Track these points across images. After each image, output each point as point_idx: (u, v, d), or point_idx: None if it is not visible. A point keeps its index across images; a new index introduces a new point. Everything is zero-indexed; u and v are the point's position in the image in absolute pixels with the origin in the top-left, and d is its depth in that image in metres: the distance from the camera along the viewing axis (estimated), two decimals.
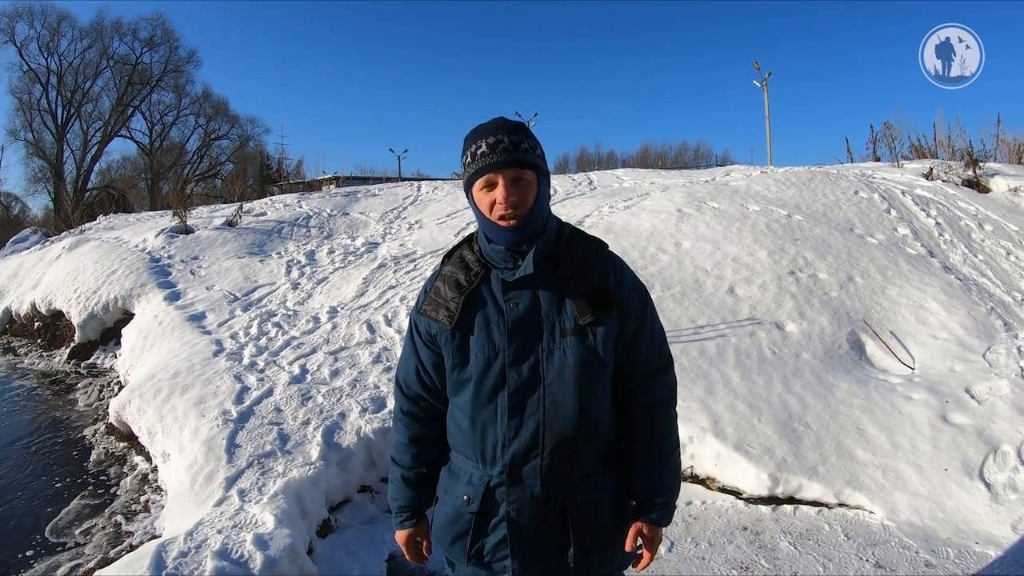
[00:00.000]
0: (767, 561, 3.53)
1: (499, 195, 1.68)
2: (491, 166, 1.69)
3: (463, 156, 1.76)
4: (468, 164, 1.74)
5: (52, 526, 4.26)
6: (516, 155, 1.69)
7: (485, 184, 1.71)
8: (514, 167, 1.69)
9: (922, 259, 6.74)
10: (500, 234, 1.73)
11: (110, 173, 42.05)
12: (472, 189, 1.75)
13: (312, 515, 3.70)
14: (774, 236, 7.05)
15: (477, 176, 1.71)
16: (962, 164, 9.59)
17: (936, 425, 4.39)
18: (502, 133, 1.71)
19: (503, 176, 1.68)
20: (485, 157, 1.69)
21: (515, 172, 1.69)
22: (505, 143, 1.69)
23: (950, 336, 5.47)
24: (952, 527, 3.77)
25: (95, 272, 8.70)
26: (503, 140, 1.70)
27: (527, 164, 1.71)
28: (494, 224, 1.72)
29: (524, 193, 1.70)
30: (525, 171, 1.71)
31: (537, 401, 1.73)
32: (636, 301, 1.83)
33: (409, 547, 2.02)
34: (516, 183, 1.70)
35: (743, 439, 4.36)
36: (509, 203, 1.68)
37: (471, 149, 1.73)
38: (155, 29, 41.73)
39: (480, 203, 1.73)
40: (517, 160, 1.69)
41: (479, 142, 1.71)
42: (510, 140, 1.70)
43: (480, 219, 1.76)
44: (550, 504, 1.76)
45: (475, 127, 1.78)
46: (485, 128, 1.75)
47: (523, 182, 1.71)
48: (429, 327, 1.83)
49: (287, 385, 5.14)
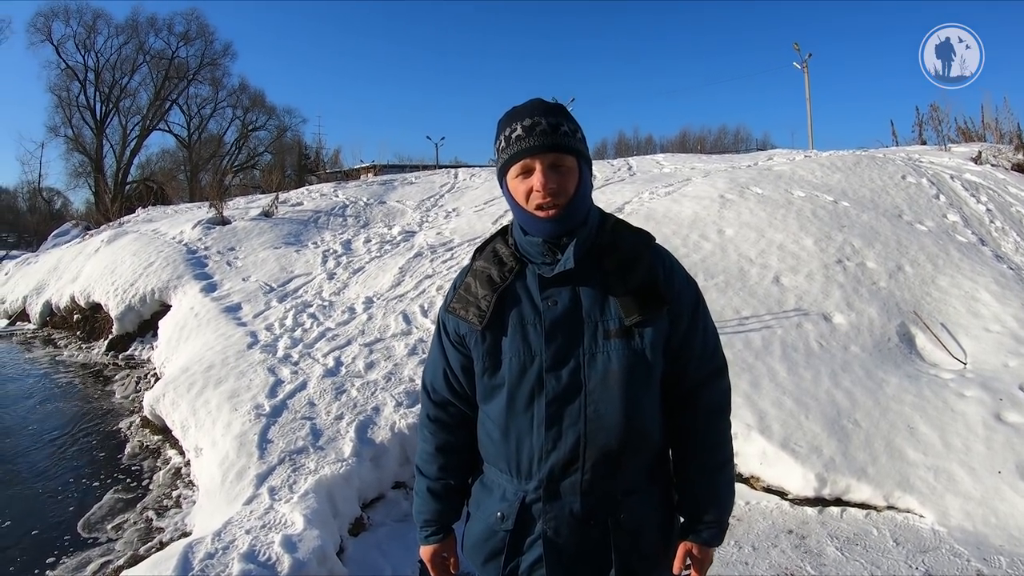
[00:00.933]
0: (812, 568, 3.38)
1: (536, 182, 1.52)
2: (527, 150, 1.53)
3: (496, 141, 1.61)
4: (502, 149, 1.58)
5: (85, 520, 4.28)
6: (555, 138, 1.53)
7: (521, 170, 1.55)
8: (553, 151, 1.53)
9: (973, 247, 6.46)
10: (538, 225, 1.57)
11: (150, 166, 42.84)
12: (506, 177, 1.59)
13: (344, 514, 3.64)
14: (820, 223, 6.82)
15: (512, 162, 1.56)
16: (1012, 148, 9.22)
17: (990, 424, 4.19)
18: (539, 115, 1.55)
19: (540, 161, 1.52)
20: (521, 141, 1.54)
21: (554, 157, 1.53)
22: (543, 125, 1.53)
23: (1003, 329, 5.22)
24: (1006, 534, 3.58)
25: (132, 265, 8.80)
26: (540, 122, 1.54)
27: (567, 148, 1.55)
28: (531, 214, 1.56)
29: (564, 180, 1.54)
30: (565, 156, 1.54)
31: (578, 410, 1.56)
32: (688, 298, 1.67)
33: (435, 564, 1.86)
34: (555, 169, 1.53)
35: (790, 437, 4.20)
36: (548, 190, 1.52)
37: (505, 133, 1.57)
38: (190, 24, 42.29)
39: (515, 192, 1.57)
40: (556, 144, 1.53)
41: (513, 125, 1.56)
42: (548, 122, 1.54)
43: (515, 209, 1.60)
44: (591, 522, 1.60)
45: (509, 110, 1.62)
46: (520, 110, 1.59)
47: (563, 168, 1.54)
48: (458, 327, 1.68)
49: (321, 378, 5.10)
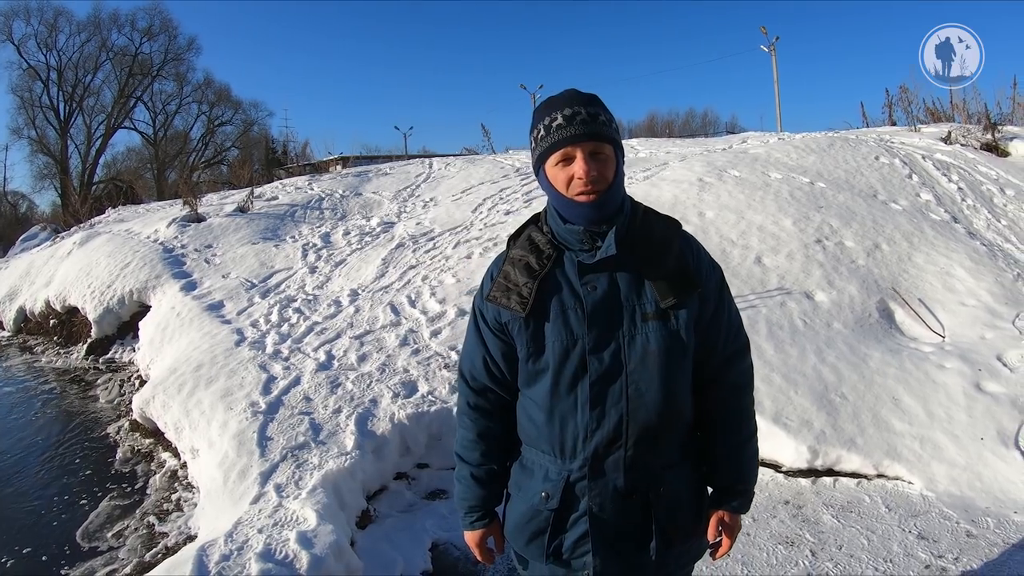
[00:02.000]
0: (811, 535, 3.50)
1: (578, 169, 1.57)
2: (569, 139, 1.57)
3: (533, 130, 1.66)
4: (541, 138, 1.62)
5: (83, 530, 4.21)
6: (595, 127, 1.58)
7: (561, 158, 1.59)
8: (593, 140, 1.57)
9: (946, 225, 6.64)
10: (578, 211, 1.61)
11: (115, 165, 41.89)
12: (545, 165, 1.63)
13: (351, 507, 3.66)
14: (798, 204, 6.95)
15: (553, 150, 1.59)
16: (980, 128, 9.43)
17: (970, 394, 4.34)
18: (578, 104, 1.60)
19: (581, 149, 1.57)
20: (562, 130, 1.57)
21: (594, 145, 1.58)
22: (583, 115, 1.58)
23: (978, 303, 5.39)
24: (990, 497, 3.74)
25: (108, 266, 8.66)
26: (580, 112, 1.58)
27: (606, 137, 1.60)
28: (571, 201, 1.61)
29: (604, 168, 1.59)
30: (604, 145, 1.59)
31: (620, 390, 1.63)
32: (714, 281, 1.74)
33: (481, 549, 1.93)
34: (595, 157, 1.58)
35: (780, 411, 4.32)
36: (589, 177, 1.56)
37: (544, 122, 1.61)
38: (153, 18, 41.45)
39: (555, 179, 1.62)
40: (596, 133, 1.58)
41: (553, 114, 1.60)
42: (588, 112, 1.59)
43: (555, 197, 1.65)
44: (633, 497, 1.68)
45: (546, 99, 1.67)
46: (559, 100, 1.63)
47: (602, 156, 1.59)
48: (499, 315, 1.72)
49: (314, 373, 5.10)
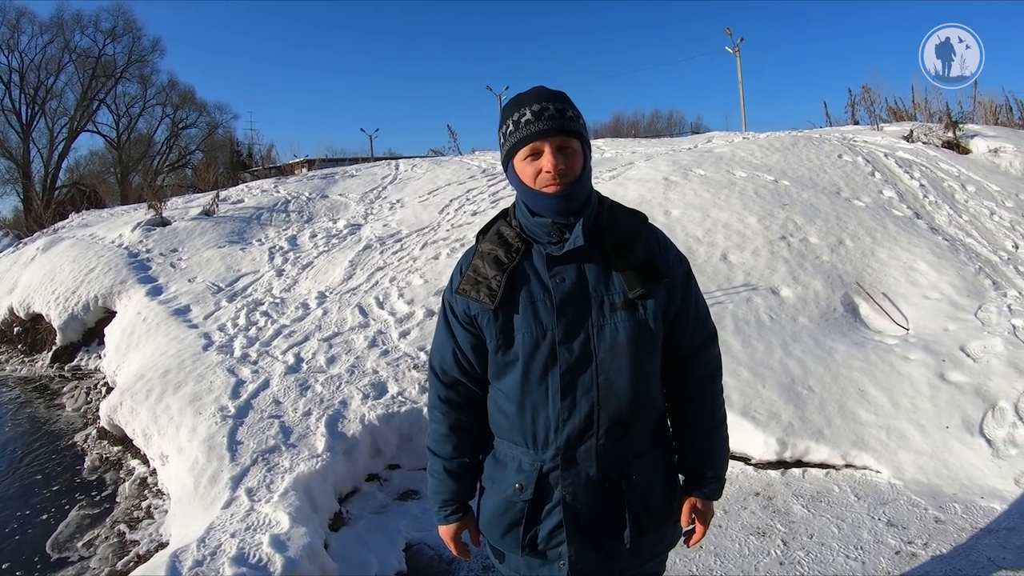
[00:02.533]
0: (782, 525, 3.56)
1: (546, 163, 1.60)
2: (537, 134, 1.60)
3: (502, 126, 1.68)
4: (510, 134, 1.65)
5: (53, 540, 4.11)
6: (562, 122, 1.62)
7: (530, 153, 1.63)
8: (560, 135, 1.61)
9: (909, 221, 6.77)
10: (546, 202, 1.65)
11: (79, 169, 40.98)
12: (514, 159, 1.67)
13: (323, 509, 3.63)
14: (763, 202, 7.04)
15: (522, 145, 1.63)
16: (941, 126, 9.63)
17: (934, 384, 4.44)
18: (547, 100, 1.63)
19: (549, 144, 1.61)
20: (530, 125, 1.61)
21: (561, 140, 1.62)
22: (551, 110, 1.62)
23: (941, 296, 5.51)
24: (957, 483, 3.82)
25: (72, 271, 8.49)
26: (548, 107, 1.62)
27: (573, 132, 1.63)
28: (539, 193, 1.64)
29: (571, 161, 1.63)
30: (571, 139, 1.63)
31: (590, 380, 1.66)
32: (681, 272, 1.79)
33: (456, 543, 1.94)
34: (562, 151, 1.62)
35: (749, 405, 4.37)
36: (557, 171, 1.60)
37: (513, 118, 1.65)
38: (117, 19, 40.56)
39: (523, 173, 1.65)
40: (564, 128, 1.61)
41: (522, 110, 1.63)
42: (555, 107, 1.63)
43: (523, 191, 1.68)
44: (605, 485, 1.71)
45: (515, 96, 1.70)
46: (527, 96, 1.67)
47: (569, 150, 1.63)
48: (468, 307, 1.74)
49: (283, 376, 5.06)
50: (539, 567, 1.80)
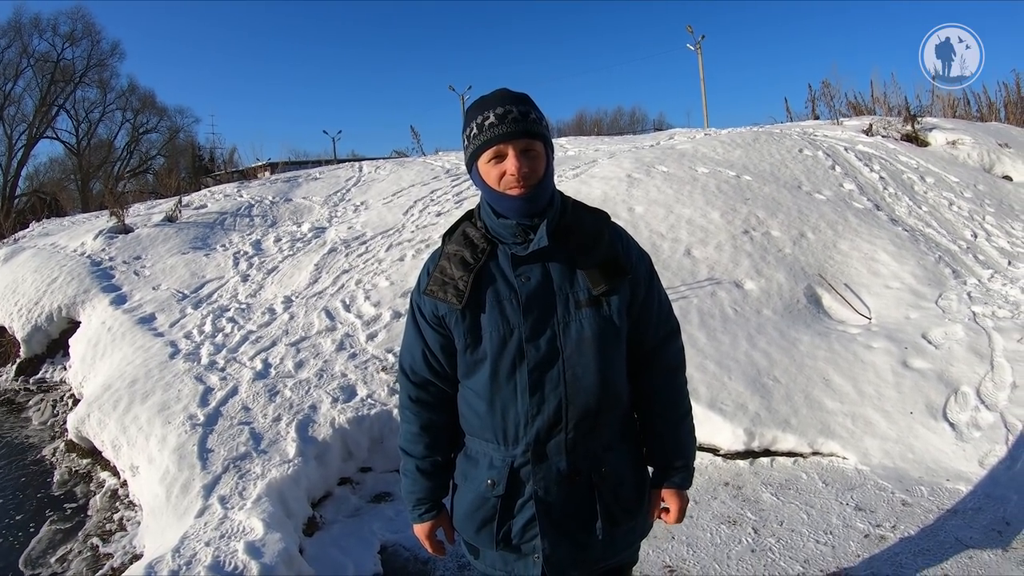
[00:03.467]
0: (752, 513, 3.62)
1: (510, 165, 1.63)
2: (500, 136, 1.63)
3: (466, 129, 1.71)
4: (474, 136, 1.68)
5: (25, 557, 4.04)
6: (526, 125, 1.65)
7: (494, 155, 1.65)
8: (524, 137, 1.64)
9: (869, 213, 6.91)
10: (510, 204, 1.68)
11: (38, 177, 40.02)
12: (478, 162, 1.69)
13: (297, 514, 3.61)
14: (725, 197, 7.14)
15: (486, 147, 1.65)
16: (900, 120, 9.84)
17: (898, 371, 4.54)
18: (510, 103, 1.66)
19: (513, 147, 1.64)
20: (494, 128, 1.64)
21: (525, 143, 1.65)
22: (514, 113, 1.65)
23: (902, 285, 5.64)
24: (923, 467, 3.92)
25: (34, 282, 8.31)
26: (512, 111, 1.65)
27: (537, 135, 1.67)
28: (503, 195, 1.67)
29: (534, 164, 1.66)
30: (535, 142, 1.67)
31: (557, 376, 1.69)
32: (643, 268, 1.83)
33: (431, 540, 1.96)
34: (526, 154, 1.65)
35: (716, 397, 4.43)
36: (520, 173, 1.63)
37: (477, 120, 1.67)
38: (75, 23, 39.65)
39: (487, 176, 1.68)
40: (527, 130, 1.65)
41: (486, 113, 1.66)
42: (519, 110, 1.65)
43: (488, 193, 1.71)
44: (576, 479, 1.74)
45: (478, 99, 1.73)
46: (491, 99, 1.69)
47: (533, 153, 1.66)
48: (436, 308, 1.77)
49: (252, 382, 5.02)
50: (514, 561, 1.82)
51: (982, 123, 10.99)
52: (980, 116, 12.41)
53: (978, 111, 12.71)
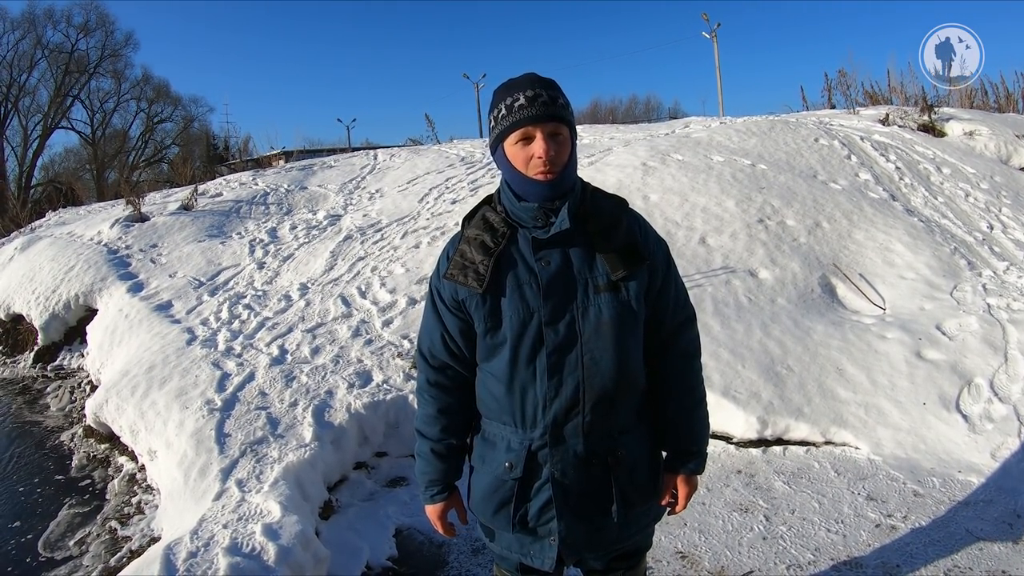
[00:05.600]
0: (764, 501, 3.63)
1: (538, 149, 1.65)
2: (529, 119, 1.65)
3: (493, 110, 1.73)
4: (502, 117, 1.69)
5: (44, 540, 4.09)
6: (555, 109, 1.67)
7: (521, 137, 1.67)
8: (553, 121, 1.66)
9: (885, 203, 6.88)
10: (534, 188, 1.70)
11: (53, 167, 40.55)
12: (504, 143, 1.71)
13: (313, 498, 3.66)
14: (740, 185, 7.11)
15: (513, 129, 1.67)
16: (917, 109, 9.75)
17: (911, 362, 4.53)
18: (539, 87, 1.68)
19: (541, 130, 1.65)
20: (523, 110, 1.66)
21: (553, 126, 1.66)
22: (544, 97, 1.67)
23: (917, 276, 5.62)
24: (935, 458, 3.92)
25: (52, 270, 8.40)
26: (542, 94, 1.67)
27: (564, 120, 1.69)
28: (528, 179, 1.69)
29: (561, 148, 1.68)
30: (562, 126, 1.68)
31: (576, 359, 1.72)
32: (661, 255, 1.85)
33: (443, 521, 2.00)
34: (553, 138, 1.67)
35: (729, 385, 4.44)
36: (548, 157, 1.64)
37: (506, 102, 1.69)
38: (89, 14, 40.16)
39: (514, 157, 1.70)
40: (556, 115, 1.67)
41: (515, 95, 1.68)
42: (548, 94, 1.68)
43: (511, 175, 1.73)
44: (593, 461, 1.77)
45: (506, 81, 1.75)
46: (520, 82, 1.71)
47: (560, 137, 1.68)
48: (456, 292, 1.79)
49: (268, 368, 5.07)
50: (530, 544, 1.86)
51: (999, 114, 10.87)
52: (998, 107, 12.28)
53: (996, 102, 12.57)
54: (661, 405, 1.91)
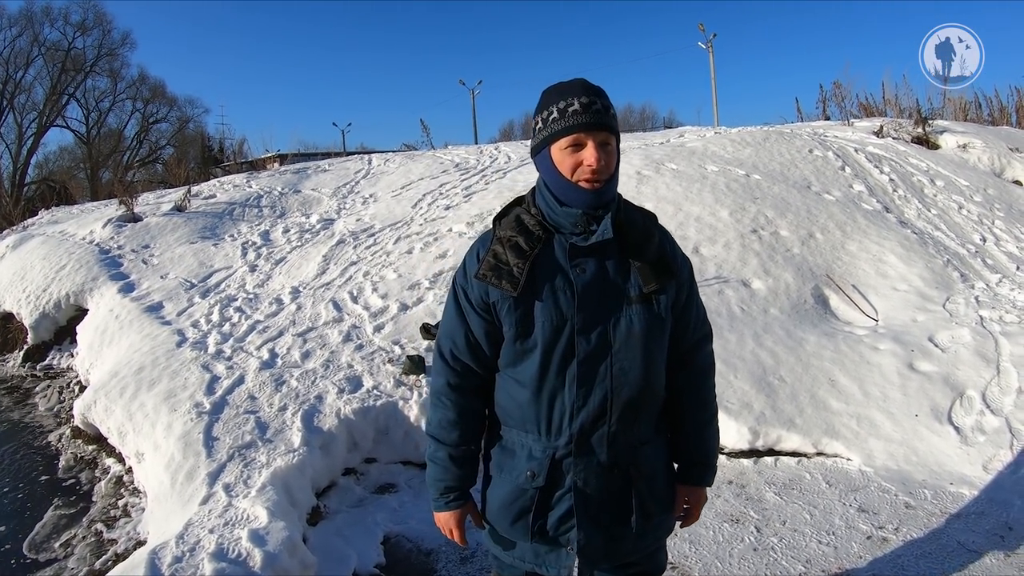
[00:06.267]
0: (755, 512, 3.62)
1: (588, 157, 1.64)
2: (583, 125, 1.64)
3: (543, 111, 1.71)
4: (554, 120, 1.68)
5: (29, 541, 4.04)
6: (607, 119, 1.67)
7: (572, 143, 1.65)
8: (604, 131, 1.66)
9: (878, 214, 6.90)
10: (580, 196, 1.68)
11: (48, 165, 40.23)
12: (552, 147, 1.69)
13: (301, 504, 3.62)
14: (734, 195, 7.12)
15: (565, 134, 1.65)
16: (911, 122, 9.82)
17: (904, 373, 4.53)
18: (594, 95, 1.67)
19: (593, 138, 1.64)
20: (577, 116, 1.64)
21: (604, 136, 1.66)
22: (598, 105, 1.66)
23: (910, 288, 5.63)
24: (927, 470, 3.91)
25: (43, 269, 8.35)
26: (596, 102, 1.66)
27: (614, 130, 1.69)
28: (574, 185, 1.68)
29: (609, 159, 1.68)
30: (612, 136, 1.68)
31: (605, 369, 1.71)
32: (687, 272, 1.87)
33: (460, 529, 1.96)
34: (604, 147, 1.66)
35: (721, 395, 4.42)
36: (599, 166, 1.64)
37: (558, 105, 1.67)
38: (87, 12, 39.79)
39: (560, 162, 1.68)
40: (607, 124, 1.67)
41: (569, 99, 1.66)
42: (602, 103, 1.67)
43: (555, 179, 1.71)
44: (615, 472, 1.77)
45: (558, 84, 1.74)
46: (573, 87, 1.70)
47: (609, 147, 1.68)
48: (486, 293, 1.76)
49: (258, 371, 5.03)
50: (546, 553, 1.85)
51: (993, 127, 10.95)
52: (991, 120, 12.37)
53: (989, 115, 12.66)
54: (675, 418, 1.93)
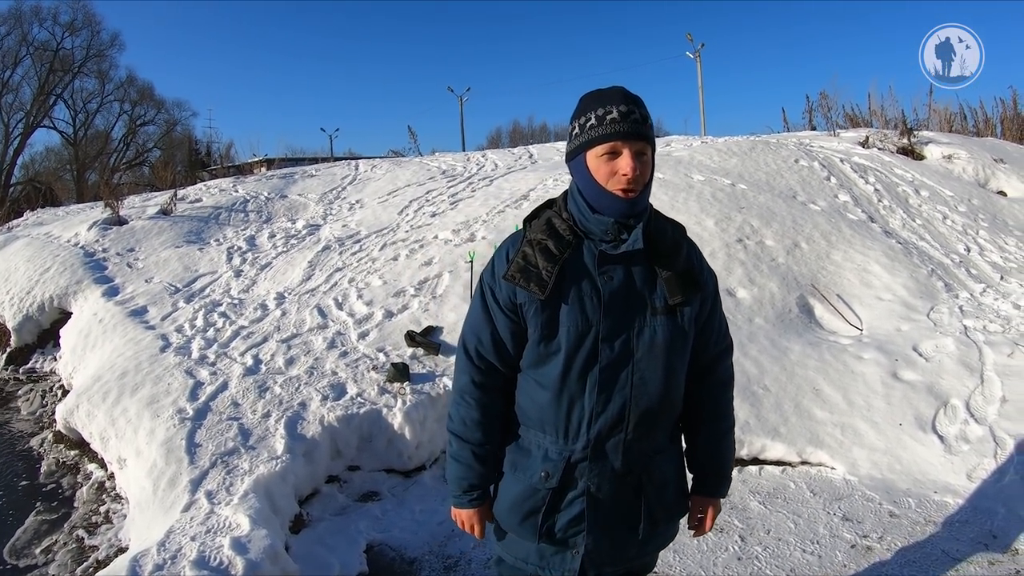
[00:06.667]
0: (740, 521, 3.62)
1: (624, 166, 1.65)
2: (621, 134, 1.65)
3: (581, 116, 1.72)
4: (591, 127, 1.69)
5: (10, 547, 3.99)
6: (644, 129, 1.68)
7: (608, 151, 1.66)
8: (641, 140, 1.67)
9: (863, 224, 6.94)
10: (613, 204, 1.69)
11: (34, 166, 39.88)
12: (588, 153, 1.70)
13: (284, 511, 3.60)
14: (720, 205, 7.15)
15: (603, 141, 1.66)
16: (897, 132, 9.90)
17: (888, 383, 4.56)
18: (632, 104, 1.68)
19: (630, 147, 1.66)
20: (616, 124, 1.65)
21: (641, 145, 1.67)
22: (636, 115, 1.67)
23: (894, 297, 5.66)
24: (911, 478, 3.93)
25: (27, 271, 8.26)
26: (634, 111, 1.67)
27: (651, 141, 1.71)
28: (608, 193, 1.68)
29: (645, 169, 1.69)
30: (648, 147, 1.70)
31: (626, 377, 1.73)
32: (711, 286, 1.89)
33: (481, 525, 1.98)
34: (640, 157, 1.67)
35: None
36: (634, 175, 1.65)
37: (597, 112, 1.68)
38: (76, 12, 39.44)
39: (596, 170, 1.69)
40: (644, 134, 1.68)
41: (608, 107, 1.67)
42: (640, 113, 1.69)
43: (589, 185, 1.72)
44: (627, 479, 1.79)
45: (597, 91, 1.75)
46: (612, 94, 1.71)
47: (645, 157, 1.69)
48: (513, 295, 1.77)
49: (242, 377, 4.99)
50: (551, 555, 1.86)
51: (978, 138, 11.06)
52: (976, 131, 12.50)
53: (974, 126, 12.80)
54: (693, 429, 1.96)
